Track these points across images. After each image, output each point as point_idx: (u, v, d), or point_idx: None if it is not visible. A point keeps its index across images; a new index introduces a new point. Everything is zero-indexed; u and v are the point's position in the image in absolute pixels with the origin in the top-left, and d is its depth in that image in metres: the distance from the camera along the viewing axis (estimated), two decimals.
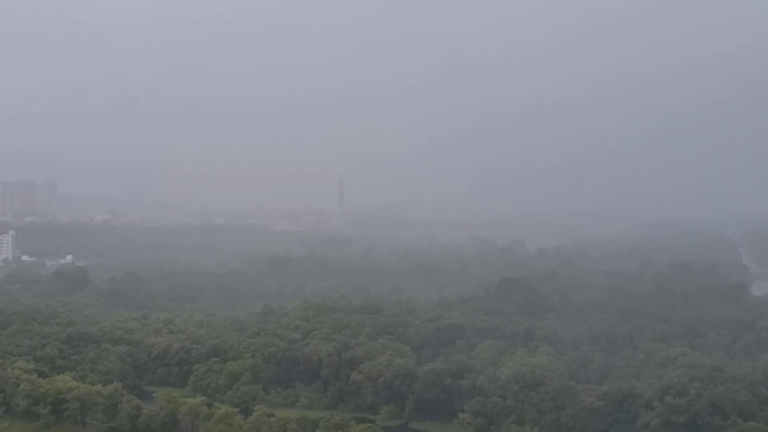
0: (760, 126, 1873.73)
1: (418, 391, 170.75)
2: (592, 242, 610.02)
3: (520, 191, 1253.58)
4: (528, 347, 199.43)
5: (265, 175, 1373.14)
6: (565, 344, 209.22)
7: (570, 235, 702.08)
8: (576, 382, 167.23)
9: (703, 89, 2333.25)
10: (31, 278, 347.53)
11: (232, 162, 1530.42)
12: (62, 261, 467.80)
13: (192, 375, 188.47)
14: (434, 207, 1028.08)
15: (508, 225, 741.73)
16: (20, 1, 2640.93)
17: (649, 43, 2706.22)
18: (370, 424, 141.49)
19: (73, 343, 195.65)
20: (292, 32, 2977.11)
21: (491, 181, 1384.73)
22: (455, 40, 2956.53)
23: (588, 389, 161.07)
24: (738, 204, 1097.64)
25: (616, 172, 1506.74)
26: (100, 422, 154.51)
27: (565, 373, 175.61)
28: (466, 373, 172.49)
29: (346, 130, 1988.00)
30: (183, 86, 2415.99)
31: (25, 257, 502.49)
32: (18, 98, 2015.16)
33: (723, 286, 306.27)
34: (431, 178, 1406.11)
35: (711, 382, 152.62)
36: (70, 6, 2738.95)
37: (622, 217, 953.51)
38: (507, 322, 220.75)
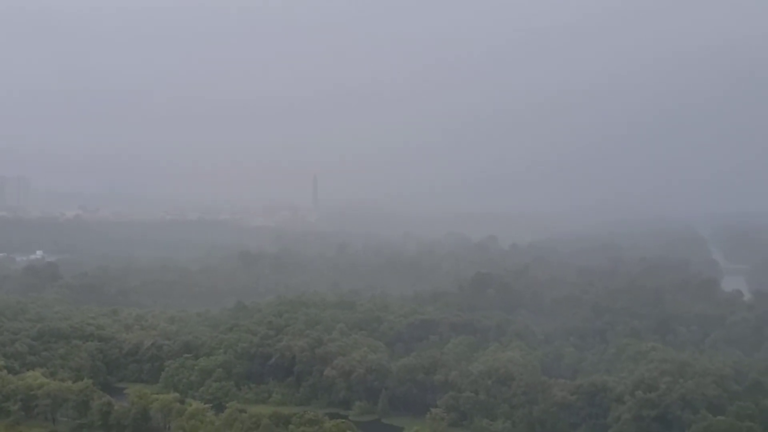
0: (736, 127, 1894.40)
1: (391, 387, 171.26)
2: (565, 239, 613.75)
3: (498, 189, 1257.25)
4: (500, 342, 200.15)
5: (240, 170, 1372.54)
6: (538, 339, 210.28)
7: (543, 231, 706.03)
8: (548, 377, 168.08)
9: (685, 89, 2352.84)
10: (0, 274, 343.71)
11: (208, 155, 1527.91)
12: (32, 256, 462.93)
13: (164, 371, 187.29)
14: (410, 203, 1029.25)
15: (482, 221, 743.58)
16: None
17: (628, 48, 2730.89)
18: (343, 420, 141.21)
19: (43, 339, 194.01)
20: (277, 25, 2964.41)
21: (470, 178, 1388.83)
22: (445, 40, 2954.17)
23: (560, 384, 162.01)
24: (710, 202, 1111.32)
25: (598, 171, 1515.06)
26: (70, 419, 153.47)
27: (537, 367, 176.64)
28: (439, 368, 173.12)
29: (323, 125, 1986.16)
30: (159, 78, 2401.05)
31: None
32: None
33: (694, 281, 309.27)
34: (409, 175, 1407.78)
35: (681, 377, 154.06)
36: None
37: (597, 215, 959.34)
38: (480, 318, 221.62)
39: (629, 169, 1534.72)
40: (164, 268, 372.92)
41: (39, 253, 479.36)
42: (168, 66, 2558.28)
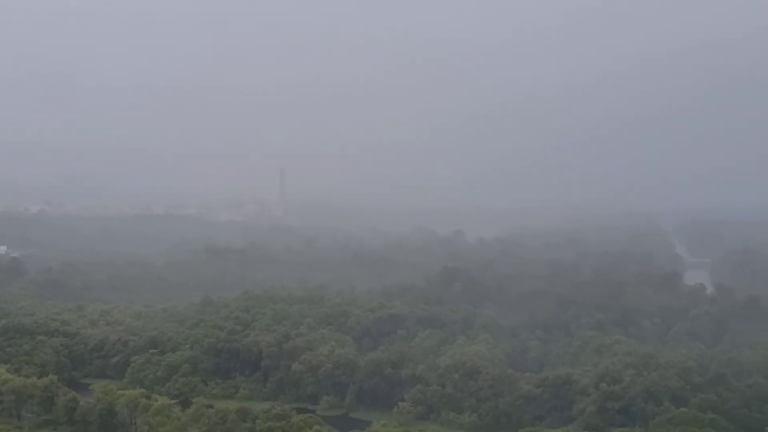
0: (705, 128, 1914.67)
1: (358, 381, 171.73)
2: (531, 233, 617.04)
3: (475, 187, 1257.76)
4: (467, 336, 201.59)
5: (208, 162, 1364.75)
6: (504, 332, 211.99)
7: (512, 226, 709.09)
8: (514, 370, 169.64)
9: (664, 90, 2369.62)
10: None
11: (176, 149, 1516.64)
12: None
13: (130, 367, 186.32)
14: (381, 200, 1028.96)
15: (451, 217, 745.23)
16: None
17: (600, 54, 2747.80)
18: (310, 415, 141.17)
19: (7, 335, 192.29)
20: (262, 16, 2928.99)
21: (450, 177, 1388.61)
22: (441, 40, 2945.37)
23: (526, 377, 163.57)
24: (676, 198, 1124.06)
25: (578, 171, 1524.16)
26: (35, 415, 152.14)
27: (503, 361, 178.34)
28: (407, 362, 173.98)
29: (296, 120, 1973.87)
30: (135, 71, 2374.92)
31: None
32: None
33: (657, 275, 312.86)
34: (395, 172, 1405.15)
35: (645, 369, 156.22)
36: None
37: (570, 211, 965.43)
38: (447, 312, 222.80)
39: (611, 168, 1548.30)
40: (130, 263, 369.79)
41: (3, 248, 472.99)
42: (144, 59, 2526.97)
